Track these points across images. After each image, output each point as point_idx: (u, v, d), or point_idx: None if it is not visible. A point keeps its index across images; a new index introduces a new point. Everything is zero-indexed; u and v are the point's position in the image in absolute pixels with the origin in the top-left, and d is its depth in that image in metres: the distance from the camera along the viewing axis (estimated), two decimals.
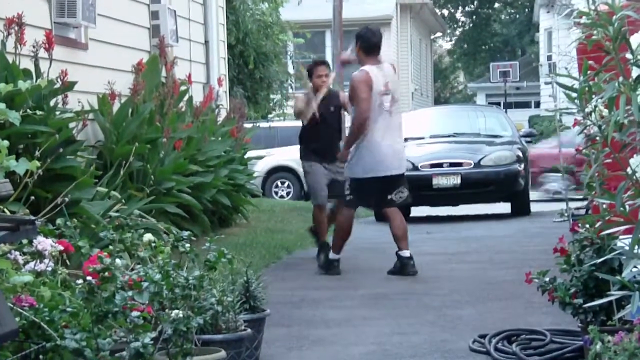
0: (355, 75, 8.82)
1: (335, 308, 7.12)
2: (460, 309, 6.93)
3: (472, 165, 14.46)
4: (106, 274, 4.06)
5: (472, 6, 58.21)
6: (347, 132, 9.69)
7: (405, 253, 8.72)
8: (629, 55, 3.96)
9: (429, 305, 7.13)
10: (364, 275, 8.80)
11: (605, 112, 4.03)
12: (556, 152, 15.20)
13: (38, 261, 4.42)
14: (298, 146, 10.04)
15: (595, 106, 4.09)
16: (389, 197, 8.77)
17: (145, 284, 4.21)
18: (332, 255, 8.92)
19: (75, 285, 4.14)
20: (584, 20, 4.04)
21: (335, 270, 8.84)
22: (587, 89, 4.09)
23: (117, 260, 4.29)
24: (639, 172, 3.86)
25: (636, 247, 3.71)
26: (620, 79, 3.89)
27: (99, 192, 7.54)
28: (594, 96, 4.08)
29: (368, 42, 8.80)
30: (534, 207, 15.07)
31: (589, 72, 4.07)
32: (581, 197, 4.90)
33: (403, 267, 8.70)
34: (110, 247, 5.09)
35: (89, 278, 4.04)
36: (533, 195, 16.22)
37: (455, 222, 14.52)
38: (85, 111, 8.25)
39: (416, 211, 15.75)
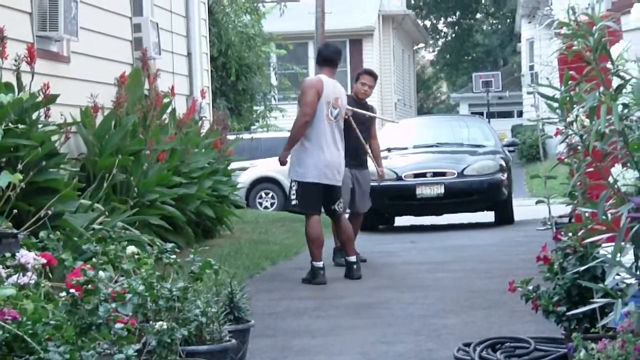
0: (307, 80, 9.50)
1: (319, 318, 7.12)
2: (445, 317, 6.94)
3: (455, 175, 14.49)
4: (89, 286, 4.06)
5: (454, 17, 58.42)
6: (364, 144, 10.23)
7: (351, 258, 9.16)
8: (609, 65, 3.99)
9: (414, 314, 7.14)
10: (347, 285, 8.81)
11: (587, 121, 4.05)
12: None
13: (21, 274, 4.40)
14: None
15: (577, 116, 4.11)
16: (333, 207, 9.08)
17: (128, 296, 4.21)
18: (315, 263, 8.93)
19: (59, 298, 4.13)
20: (564, 30, 4.07)
21: (321, 279, 8.86)
22: (568, 98, 4.11)
23: (101, 273, 4.29)
24: (621, 181, 3.88)
25: (618, 255, 3.72)
26: (601, 88, 3.91)
27: (82, 205, 7.52)
28: (575, 106, 4.11)
29: (320, 54, 9.33)
30: (518, 216, 15.11)
31: (570, 82, 4.10)
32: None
33: (349, 271, 9.12)
34: (94, 259, 5.08)
35: (72, 290, 4.03)
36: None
37: (439, 231, 14.54)
38: (67, 124, 8.24)
39: (400, 221, 15.79)
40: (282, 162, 9.23)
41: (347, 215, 9.88)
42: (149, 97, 10.17)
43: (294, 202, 9.07)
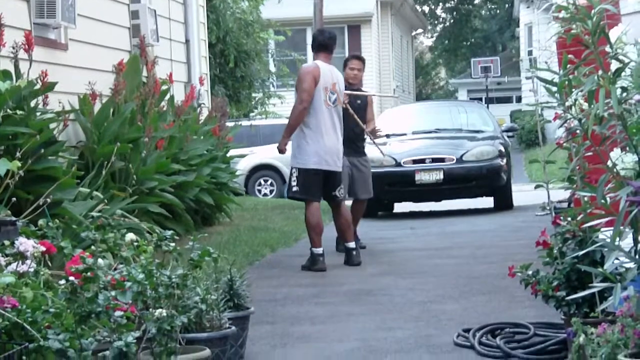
0: (304, 66, 9.49)
1: (319, 305, 7.13)
2: (444, 303, 6.94)
3: (454, 161, 14.48)
4: (89, 274, 4.06)
5: (453, 2, 58.31)
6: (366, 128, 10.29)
7: (350, 244, 9.20)
8: (608, 49, 3.98)
9: (413, 300, 7.14)
10: (347, 272, 8.81)
11: (585, 105, 4.05)
12: None
13: (20, 262, 4.40)
14: None
15: (576, 100, 4.11)
16: (333, 193, 9.09)
17: (128, 284, 4.21)
18: (315, 250, 8.93)
19: (58, 285, 4.13)
20: (563, 14, 4.06)
21: (321, 266, 8.86)
22: (567, 82, 4.11)
23: (100, 260, 4.29)
24: (620, 165, 3.88)
25: (617, 239, 3.72)
26: (600, 72, 3.90)
27: (81, 193, 7.52)
28: (574, 90, 4.10)
29: (315, 40, 9.29)
30: (517, 201, 15.11)
31: (568, 66, 4.09)
32: None
33: (348, 258, 9.16)
34: (93, 247, 5.07)
35: (71, 278, 4.03)
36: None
37: (439, 217, 14.54)
38: (66, 111, 8.23)
39: (399, 207, 15.78)
40: (281, 150, 9.22)
41: (348, 203, 9.88)
42: (147, 85, 10.16)
43: (294, 189, 9.05)
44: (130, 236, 5.30)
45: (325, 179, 9.00)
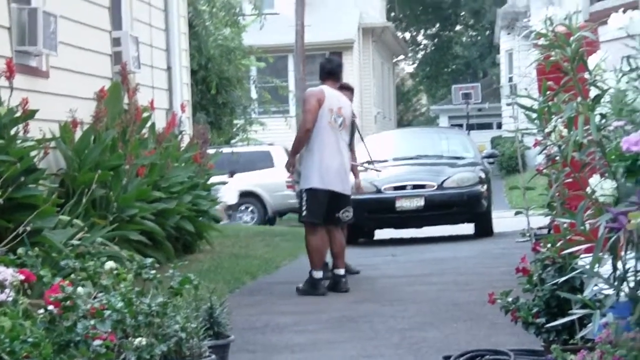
0: (309, 89, 9.77)
1: (300, 332, 7.11)
2: (425, 330, 6.94)
3: (435, 187, 14.51)
4: (68, 303, 4.03)
5: (434, 29, 58.58)
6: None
7: (340, 271, 9.17)
8: (587, 76, 4.00)
9: (394, 327, 7.13)
10: (328, 299, 8.80)
11: (565, 132, 4.06)
12: None
13: None
14: (261, 171, 10.19)
15: (555, 126, 4.13)
16: (337, 214, 9.11)
17: (107, 312, 4.18)
18: (315, 273, 8.97)
19: (37, 315, 4.11)
20: (542, 41, 4.08)
21: (322, 290, 8.92)
22: (546, 109, 4.13)
23: (79, 289, 4.27)
24: (599, 192, 3.89)
25: (597, 265, 3.73)
26: (579, 99, 3.92)
27: (61, 221, 7.48)
28: (553, 116, 4.12)
29: (323, 69, 9.44)
30: (497, 228, 15.13)
31: (548, 92, 4.11)
32: None
33: (336, 284, 9.12)
34: (72, 275, 5.05)
35: (50, 307, 4.01)
36: None
37: (420, 244, 14.55)
38: (46, 139, 8.21)
39: (380, 234, 15.78)
40: (289, 169, 9.41)
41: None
42: (129, 112, 10.15)
43: (304, 214, 9.08)
44: (110, 264, 5.28)
45: (330, 200, 9.03)
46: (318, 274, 8.99)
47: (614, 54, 4.09)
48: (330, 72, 9.34)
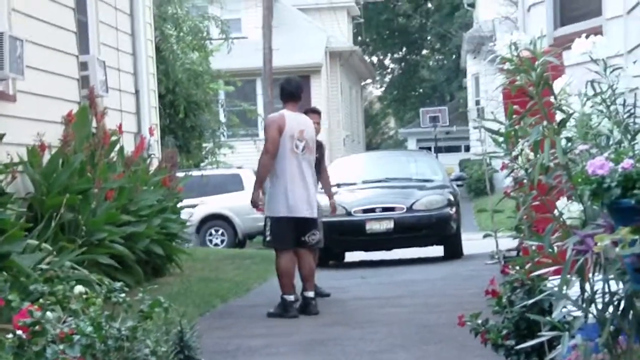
0: (270, 116, 9.76)
1: (270, 355, 7.10)
2: (396, 353, 6.94)
3: (404, 210, 14.56)
4: (37, 327, 4.02)
5: (401, 53, 58.85)
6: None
7: (310, 294, 9.21)
8: (552, 100, 4.05)
9: (364, 350, 7.13)
10: (299, 322, 8.79)
11: (532, 155, 4.10)
12: None
13: None
14: (231, 194, 10.20)
15: (522, 150, 4.16)
16: (302, 238, 9.16)
17: (76, 337, 4.17)
18: (287, 297, 9.00)
19: (5, 339, 4.08)
20: (507, 66, 4.12)
21: (294, 313, 8.95)
22: (513, 133, 4.16)
23: (48, 314, 4.25)
24: (566, 214, 3.93)
25: (565, 287, 3.76)
26: (545, 122, 3.97)
27: (30, 245, 7.45)
28: (520, 140, 4.15)
29: (282, 90, 9.44)
30: (467, 250, 15.18)
31: (514, 116, 4.15)
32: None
33: (306, 307, 9.15)
34: (41, 300, 5.03)
35: (19, 332, 3.99)
36: None
37: (389, 266, 14.57)
38: (14, 163, 8.18)
39: (350, 256, 15.79)
40: (254, 202, 9.27)
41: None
42: (97, 135, 10.13)
43: (268, 239, 9.20)
44: (79, 288, 5.26)
45: (297, 225, 9.09)
46: (290, 297, 9.03)
47: (579, 78, 4.15)
48: (290, 94, 9.33)
